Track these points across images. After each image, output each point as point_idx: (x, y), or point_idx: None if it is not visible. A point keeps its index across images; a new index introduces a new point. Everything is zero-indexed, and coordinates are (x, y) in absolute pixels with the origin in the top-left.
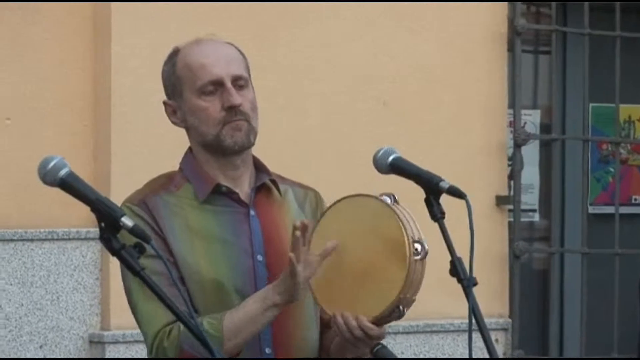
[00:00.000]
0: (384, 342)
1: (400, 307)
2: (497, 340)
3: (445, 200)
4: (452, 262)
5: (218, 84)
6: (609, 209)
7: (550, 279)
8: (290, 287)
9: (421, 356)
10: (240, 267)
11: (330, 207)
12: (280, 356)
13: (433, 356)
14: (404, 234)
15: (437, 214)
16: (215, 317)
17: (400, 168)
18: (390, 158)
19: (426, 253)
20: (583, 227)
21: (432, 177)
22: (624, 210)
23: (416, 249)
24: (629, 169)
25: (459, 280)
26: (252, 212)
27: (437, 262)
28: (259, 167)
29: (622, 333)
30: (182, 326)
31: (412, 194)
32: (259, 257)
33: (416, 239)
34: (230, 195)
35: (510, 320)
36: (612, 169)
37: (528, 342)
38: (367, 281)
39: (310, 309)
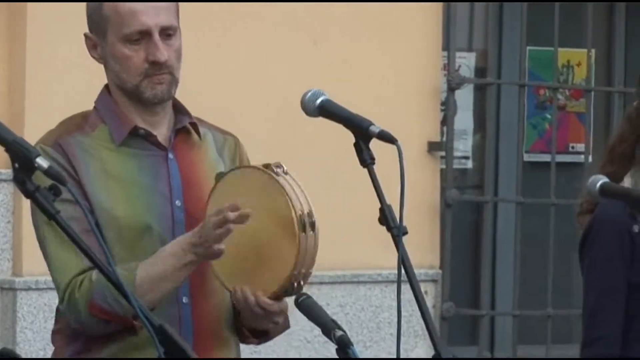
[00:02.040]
0: (308, 292)
1: (295, 284)
2: (426, 292)
3: (375, 146)
4: (382, 210)
5: (145, 34)
6: (545, 157)
7: (482, 230)
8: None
9: (347, 307)
10: (159, 212)
11: (219, 180)
12: (198, 306)
13: (360, 308)
14: (292, 209)
15: (366, 159)
16: (128, 268)
17: (328, 111)
18: (319, 100)
19: (314, 225)
20: (518, 176)
21: (362, 121)
22: (561, 158)
23: (304, 224)
24: (567, 116)
25: (389, 229)
26: (170, 156)
27: (366, 210)
28: (179, 109)
29: (557, 287)
30: (94, 276)
31: (341, 139)
32: (177, 202)
33: (305, 212)
34: (148, 138)
35: (440, 271)
36: (549, 116)
37: (459, 295)
38: (262, 257)
39: None
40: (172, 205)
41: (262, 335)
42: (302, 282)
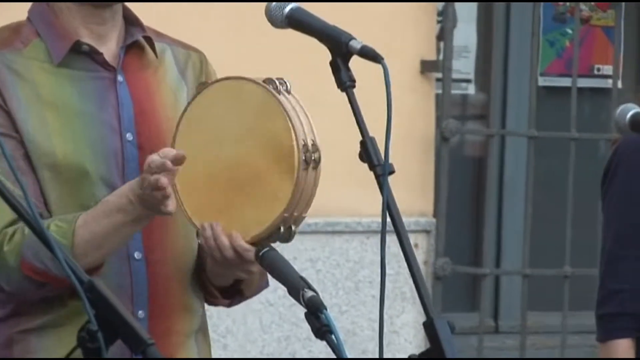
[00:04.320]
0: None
1: (283, 228)
2: (416, 245)
3: (356, 65)
4: (363, 143)
5: None
6: (565, 81)
7: (487, 169)
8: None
9: (319, 263)
10: (106, 148)
11: (199, 92)
12: (153, 262)
13: (334, 263)
14: (293, 137)
15: (344, 81)
16: (67, 219)
17: (299, 22)
18: (288, 8)
19: (318, 162)
20: (531, 104)
21: (341, 34)
22: (584, 82)
23: (307, 157)
24: (591, 30)
25: (371, 167)
26: (120, 78)
27: (344, 144)
28: (130, 21)
29: (576, 240)
30: (27, 229)
31: (313, 54)
32: (129, 136)
33: (309, 142)
34: (94, 56)
35: (434, 220)
36: (569, 30)
37: (456, 249)
38: (245, 192)
39: None
40: (122, 140)
41: (234, 295)
42: (292, 228)
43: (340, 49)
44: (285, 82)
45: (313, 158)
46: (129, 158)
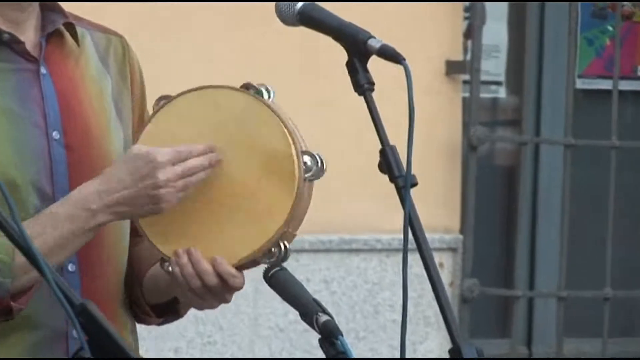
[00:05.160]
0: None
1: (276, 249)
2: (441, 264)
3: (375, 66)
4: (383, 152)
5: None
6: (605, 83)
7: (519, 180)
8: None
9: (335, 284)
10: (32, 149)
11: (161, 108)
12: (88, 276)
13: (351, 285)
14: (291, 143)
15: (362, 84)
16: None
17: (312, 19)
18: (300, 4)
19: (321, 169)
20: (567, 108)
21: (358, 32)
22: (626, 85)
23: (307, 167)
24: (634, 28)
25: (392, 179)
26: (43, 70)
27: (361, 153)
28: (48, 6)
29: (618, 259)
30: None
31: (327, 55)
32: (55, 134)
33: (304, 150)
34: (13, 45)
35: (461, 237)
36: (610, 27)
37: (485, 269)
38: (228, 210)
39: None
40: (48, 139)
41: (168, 314)
42: (287, 246)
43: (357, 48)
44: (267, 88)
45: (313, 164)
46: (56, 159)
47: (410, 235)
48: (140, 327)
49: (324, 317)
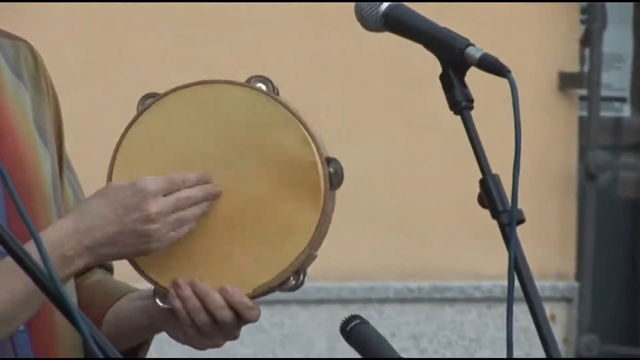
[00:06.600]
0: (363, 314)
1: (295, 275)
2: (553, 317)
3: (474, 79)
4: (484, 182)
5: None
6: None
7: None
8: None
9: (425, 340)
10: None
11: (146, 108)
12: (38, 333)
13: (445, 340)
14: (314, 149)
15: (459, 101)
16: None
17: (399, 22)
18: (385, 5)
19: (342, 178)
20: None
21: (455, 39)
22: None
23: (332, 175)
24: None
25: (494, 214)
26: None
27: (457, 186)
28: None
29: None
30: None
31: (415, 68)
32: None
33: (328, 157)
34: None
35: (577, 284)
36: None
37: (605, 323)
38: (236, 231)
39: None
40: None
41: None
42: (306, 271)
43: (453, 58)
44: (271, 82)
45: (338, 178)
46: None
47: (516, 282)
48: None
49: None
